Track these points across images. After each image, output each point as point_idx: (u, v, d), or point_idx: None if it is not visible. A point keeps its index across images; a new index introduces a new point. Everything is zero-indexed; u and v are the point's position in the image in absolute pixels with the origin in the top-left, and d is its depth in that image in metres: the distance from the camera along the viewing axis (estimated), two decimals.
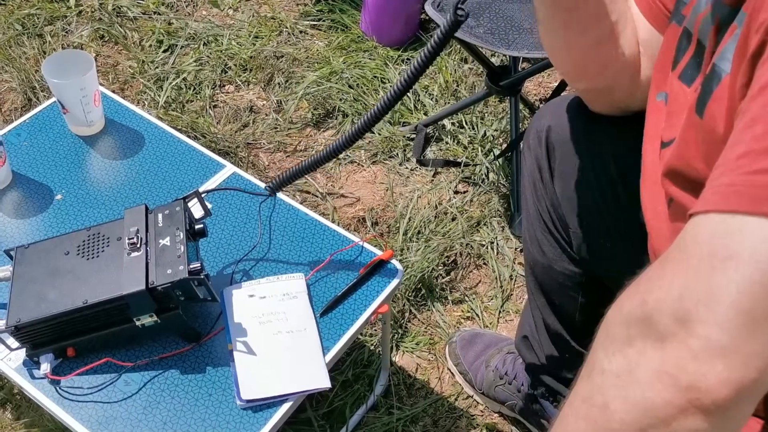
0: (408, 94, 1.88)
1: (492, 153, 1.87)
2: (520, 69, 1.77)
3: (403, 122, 1.94)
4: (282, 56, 2.09)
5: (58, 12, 2.15)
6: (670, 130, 0.82)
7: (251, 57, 2.07)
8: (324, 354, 1.08)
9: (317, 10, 2.22)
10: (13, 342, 1.02)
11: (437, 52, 0.92)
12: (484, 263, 1.68)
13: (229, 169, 1.31)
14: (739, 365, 0.51)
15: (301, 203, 1.40)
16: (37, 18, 2.12)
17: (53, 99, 1.35)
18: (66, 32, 2.11)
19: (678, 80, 0.81)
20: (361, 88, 2.00)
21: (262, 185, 1.26)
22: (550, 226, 1.12)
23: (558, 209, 1.09)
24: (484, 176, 1.82)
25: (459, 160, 1.86)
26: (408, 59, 2.09)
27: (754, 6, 0.63)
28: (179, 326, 1.05)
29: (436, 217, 1.73)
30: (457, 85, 2.04)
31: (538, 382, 1.31)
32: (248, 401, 1.02)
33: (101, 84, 1.42)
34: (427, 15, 1.67)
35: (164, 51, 2.08)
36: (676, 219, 0.80)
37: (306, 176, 1.80)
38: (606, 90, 0.98)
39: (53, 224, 1.21)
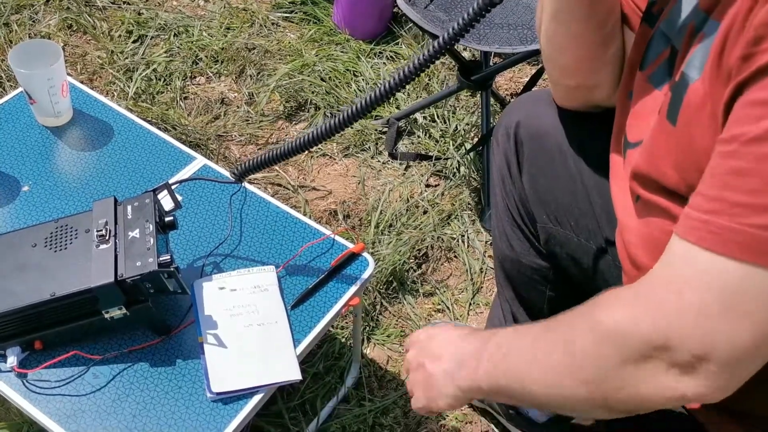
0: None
1: (463, 147, 1.89)
2: (491, 64, 1.78)
3: (376, 116, 1.95)
4: (254, 48, 2.08)
5: (25, 0, 2.11)
6: (635, 131, 0.84)
7: (222, 48, 2.06)
8: (295, 346, 1.08)
9: (289, 2, 2.21)
10: None
11: (464, 29, 0.87)
12: (455, 256, 1.69)
13: (199, 161, 1.30)
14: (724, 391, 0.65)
15: (272, 196, 1.40)
16: (4, 6, 2.08)
17: (20, 89, 1.33)
18: (33, 21, 2.08)
19: (647, 82, 0.82)
20: (334, 81, 2.00)
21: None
22: (519, 220, 1.13)
23: (526, 204, 1.11)
24: (455, 170, 1.84)
25: (430, 153, 1.87)
26: (380, 53, 2.09)
27: (733, 18, 0.64)
28: (149, 319, 1.05)
29: (407, 210, 1.74)
30: (429, 79, 2.05)
31: None
32: (218, 394, 1.02)
33: (69, 74, 1.40)
34: (399, 9, 1.68)
35: (134, 41, 2.05)
36: (643, 215, 0.81)
37: (277, 168, 1.80)
38: (591, 88, 0.99)
39: (20, 216, 1.20)
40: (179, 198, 1.10)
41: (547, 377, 0.74)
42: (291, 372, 1.05)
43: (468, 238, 1.72)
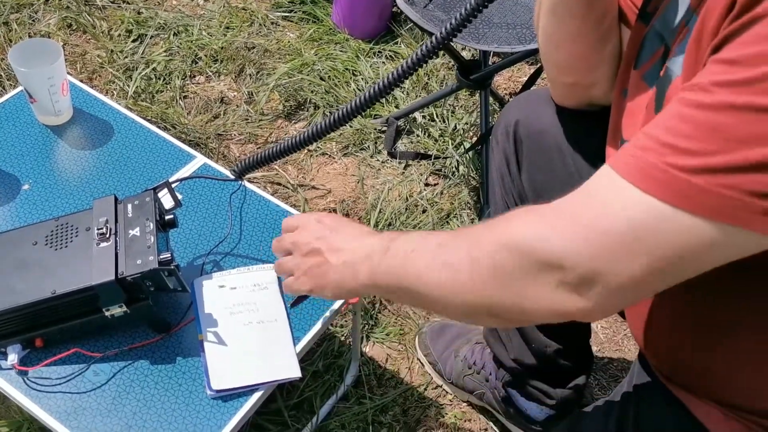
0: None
1: (462, 146, 1.89)
2: (490, 63, 1.79)
3: (375, 115, 1.95)
4: (253, 47, 2.08)
5: None
6: (631, 129, 0.84)
7: (222, 48, 2.06)
8: (294, 344, 1.09)
9: (289, 2, 2.21)
10: None
11: (459, 26, 0.88)
12: None
13: (199, 159, 1.30)
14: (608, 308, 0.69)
15: (271, 195, 1.40)
16: (3, 5, 2.08)
17: (20, 88, 1.34)
18: (33, 20, 2.08)
19: (641, 81, 0.83)
20: (333, 80, 2.00)
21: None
22: None
23: (525, 201, 1.11)
24: (454, 169, 1.84)
25: (430, 152, 1.87)
26: (380, 52, 2.10)
27: (706, 9, 0.65)
28: (149, 317, 1.05)
29: (406, 209, 1.75)
30: (428, 79, 2.05)
31: (506, 371, 1.33)
32: (218, 391, 1.02)
33: (69, 73, 1.41)
34: (398, 8, 1.68)
35: (133, 41, 2.06)
36: None
37: (277, 167, 1.81)
38: (589, 85, 1.00)
39: (20, 214, 1.20)
40: (179, 196, 1.10)
41: (444, 277, 0.75)
42: (290, 370, 1.05)
43: None
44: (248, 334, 1.08)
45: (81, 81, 1.64)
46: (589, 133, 1.02)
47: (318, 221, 0.95)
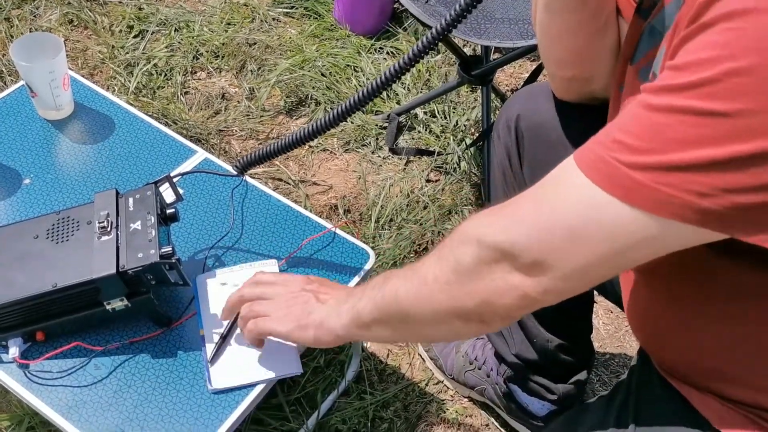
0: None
1: (464, 142, 1.89)
2: (491, 59, 1.78)
3: (376, 111, 1.95)
4: (254, 43, 2.08)
5: None
6: None
7: (223, 44, 2.06)
8: None
9: None
10: None
11: (453, 24, 0.89)
12: None
13: (200, 154, 1.30)
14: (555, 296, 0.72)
15: (273, 190, 1.40)
16: (5, 1, 2.08)
17: (21, 82, 1.34)
18: (34, 16, 2.08)
19: (636, 77, 0.83)
20: (334, 76, 2.00)
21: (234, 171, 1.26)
22: None
23: None
24: (455, 165, 1.84)
25: (431, 149, 1.87)
26: (381, 48, 2.10)
27: (681, 14, 0.66)
28: (150, 311, 1.05)
29: (408, 205, 1.75)
30: (430, 75, 2.05)
31: (507, 366, 1.33)
32: (219, 386, 1.02)
33: (70, 69, 1.41)
34: (399, 4, 1.68)
35: (135, 36, 2.05)
36: None
37: (278, 163, 1.80)
38: (588, 79, 0.99)
39: (21, 208, 1.20)
40: (181, 191, 1.10)
41: (414, 286, 0.80)
42: (292, 365, 1.05)
43: None
44: None
45: (82, 77, 1.64)
46: (590, 127, 1.01)
47: (306, 277, 1.00)
